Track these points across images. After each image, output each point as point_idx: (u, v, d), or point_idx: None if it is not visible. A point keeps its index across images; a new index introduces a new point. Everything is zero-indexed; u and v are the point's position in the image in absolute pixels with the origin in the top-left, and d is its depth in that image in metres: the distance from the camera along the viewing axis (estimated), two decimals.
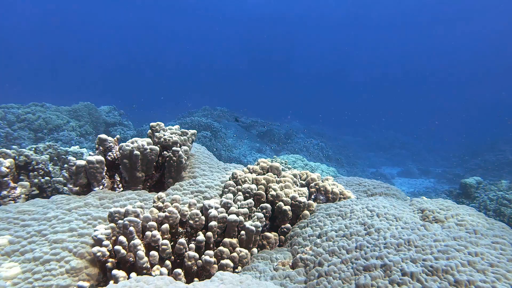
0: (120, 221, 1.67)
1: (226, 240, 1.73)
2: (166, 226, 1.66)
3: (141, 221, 1.69)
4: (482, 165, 16.64)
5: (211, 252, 1.61)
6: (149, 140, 2.16)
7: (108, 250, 1.58)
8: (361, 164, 17.79)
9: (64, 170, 3.27)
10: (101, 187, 2.11)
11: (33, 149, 4.20)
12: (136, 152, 2.07)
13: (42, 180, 3.03)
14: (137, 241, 1.54)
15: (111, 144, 2.19)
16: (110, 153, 2.18)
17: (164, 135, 2.22)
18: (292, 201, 1.95)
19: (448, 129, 30.89)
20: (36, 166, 3.01)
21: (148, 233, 1.61)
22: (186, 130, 2.41)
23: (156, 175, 2.26)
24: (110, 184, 2.17)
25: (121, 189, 2.20)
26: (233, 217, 1.74)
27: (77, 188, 2.12)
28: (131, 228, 1.62)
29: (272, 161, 5.78)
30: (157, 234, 1.61)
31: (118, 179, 2.23)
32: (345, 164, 16.72)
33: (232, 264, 1.65)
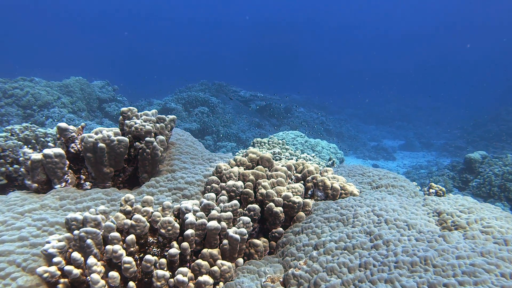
0: (76, 232, 1.39)
1: (206, 251, 1.46)
2: (131, 237, 1.37)
3: (101, 231, 1.41)
4: (485, 136, 16.25)
5: (185, 269, 1.34)
6: (116, 130, 1.82)
7: (59, 269, 1.30)
8: (362, 138, 17.47)
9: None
10: (63, 184, 1.81)
11: (9, 131, 3.88)
12: (101, 144, 1.75)
13: (11, 168, 2.74)
14: (92, 260, 1.26)
15: (73, 134, 1.86)
16: (73, 145, 1.86)
17: (135, 123, 1.89)
18: (285, 201, 1.66)
19: (450, 100, 30.19)
20: (2, 153, 2.71)
21: (108, 247, 1.33)
22: (164, 116, 2.07)
23: (128, 169, 1.95)
24: (75, 180, 1.87)
25: (89, 185, 1.90)
26: (213, 224, 1.45)
27: (36, 184, 1.82)
28: (89, 241, 1.34)
29: (268, 140, 5.46)
30: (119, 249, 1.32)
31: (86, 174, 1.93)
32: (345, 138, 16.41)
33: (211, 281, 1.39)
